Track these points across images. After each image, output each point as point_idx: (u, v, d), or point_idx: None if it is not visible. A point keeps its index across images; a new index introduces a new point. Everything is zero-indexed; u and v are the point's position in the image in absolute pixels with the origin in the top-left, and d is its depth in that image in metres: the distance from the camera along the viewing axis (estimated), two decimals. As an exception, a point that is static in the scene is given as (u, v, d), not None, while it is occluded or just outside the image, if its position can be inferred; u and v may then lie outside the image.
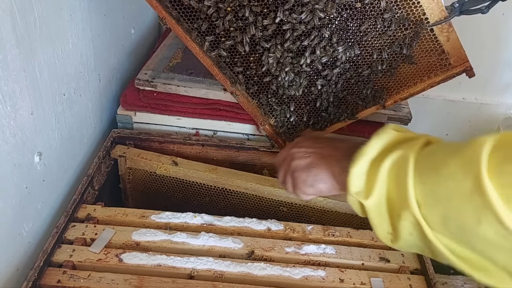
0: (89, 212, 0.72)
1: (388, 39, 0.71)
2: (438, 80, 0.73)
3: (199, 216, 0.72)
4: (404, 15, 0.68)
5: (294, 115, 0.80)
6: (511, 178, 0.39)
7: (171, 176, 0.84)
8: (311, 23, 0.67)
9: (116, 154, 0.85)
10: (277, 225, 0.73)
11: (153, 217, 0.72)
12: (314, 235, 0.72)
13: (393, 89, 0.77)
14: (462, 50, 0.70)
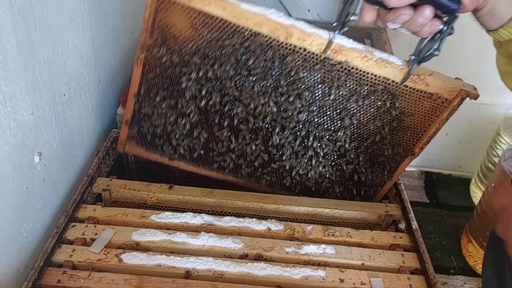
0: (89, 212, 0.72)
1: (373, 111, 0.72)
2: (446, 116, 0.71)
3: (199, 216, 0.72)
4: (371, 90, 0.69)
5: (343, 194, 0.83)
6: None
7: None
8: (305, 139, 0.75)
9: (99, 188, 0.77)
10: (277, 225, 0.73)
11: (153, 217, 0.72)
12: (314, 235, 0.72)
13: (411, 140, 0.76)
14: (448, 84, 0.68)
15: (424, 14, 0.52)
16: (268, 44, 0.65)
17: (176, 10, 0.64)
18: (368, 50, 0.66)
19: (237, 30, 0.64)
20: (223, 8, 0.62)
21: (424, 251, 0.70)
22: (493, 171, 1.23)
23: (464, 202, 1.41)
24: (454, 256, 1.20)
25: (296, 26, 0.63)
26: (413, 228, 0.74)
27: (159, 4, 0.64)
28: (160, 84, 0.73)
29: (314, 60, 0.67)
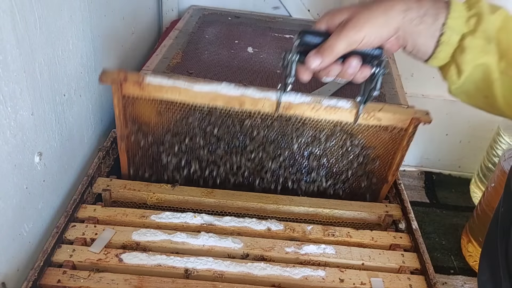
0: (89, 212, 0.72)
1: (338, 150, 0.78)
2: (406, 143, 0.76)
3: (199, 216, 0.72)
4: (329, 134, 0.75)
5: None
6: None
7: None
8: None
9: (99, 188, 0.77)
10: (277, 225, 0.73)
11: (153, 217, 0.72)
12: (314, 235, 0.72)
13: (382, 169, 0.81)
14: (399, 115, 0.73)
15: (351, 65, 0.57)
16: (226, 113, 0.74)
17: (140, 103, 0.74)
18: (316, 100, 0.72)
19: (196, 108, 0.73)
20: (179, 93, 0.72)
21: (424, 251, 0.70)
22: (493, 171, 1.23)
23: (464, 202, 1.41)
24: (454, 256, 1.20)
25: (246, 95, 0.71)
26: (413, 228, 0.74)
27: (125, 102, 0.73)
28: (146, 163, 0.81)
29: (270, 119, 0.74)
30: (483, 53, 0.52)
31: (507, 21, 0.50)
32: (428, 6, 0.53)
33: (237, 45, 1.09)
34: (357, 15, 0.54)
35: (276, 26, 1.22)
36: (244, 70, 0.98)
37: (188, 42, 1.07)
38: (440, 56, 0.54)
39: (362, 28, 0.53)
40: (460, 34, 0.52)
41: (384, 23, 0.53)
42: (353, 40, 0.54)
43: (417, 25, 0.53)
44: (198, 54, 1.02)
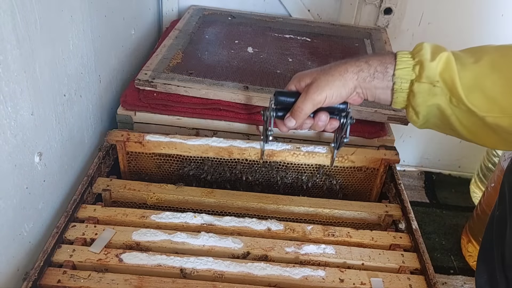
0: (89, 212, 0.72)
1: (319, 189, 0.87)
2: (379, 181, 0.87)
3: (199, 216, 0.72)
4: (310, 175, 0.86)
5: None
6: None
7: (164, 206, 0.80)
8: None
9: (99, 188, 0.78)
10: (277, 225, 0.73)
11: (153, 217, 0.72)
12: (314, 235, 0.72)
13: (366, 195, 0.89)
14: (370, 156, 0.83)
15: (321, 119, 0.68)
16: (218, 162, 0.84)
17: (142, 157, 0.85)
18: (296, 146, 0.83)
19: (191, 159, 0.84)
20: (175, 148, 0.83)
21: (424, 251, 0.70)
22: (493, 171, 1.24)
23: (464, 202, 1.41)
24: (454, 256, 1.20)
25: (233, 146, 0.82)
26: (413, 228, 0.74)
27: (129, 157, 0.85)
28: None
29: (257, 165, 0.84)
30: (431, 95, 0.58)
31: (447, 63, 0.56)
32: (376, 65, 0.61)
33: (237, 45, 1.09)
34: (318, 80, 0.63)
35: (276, 26, 1.22)
36: (244, 70, 0.98)
37: (188, 42, 1.07)
38: (398, 101, 0.61)
39: (323, 91, 0.63)
40: (409, 81, 0.59)
41: (341, 85, 0.62)
42: (317, 101, 0.64)
43: (371, 82, 0.61)
44: (198, 54, 1.02)
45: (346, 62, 0.63)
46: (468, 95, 0.54)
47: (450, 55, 0.57)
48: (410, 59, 0.59)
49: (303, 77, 0.66)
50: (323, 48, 1.13)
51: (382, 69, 0.60)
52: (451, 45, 0.63)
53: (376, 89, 0.62)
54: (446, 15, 1.30)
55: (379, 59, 0.61)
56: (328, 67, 0.64)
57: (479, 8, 1.29)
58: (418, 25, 1.33)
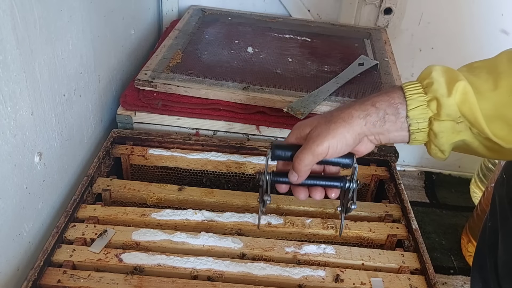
0: (89, 212, 0.72)
1: None
2: (369, 197, 0.88)
3: (199, 213, 0.72)
4: None
5: None
6: None
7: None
8: None
9: (99, 188, 0.78)
10: (277, 219, 0.73)
11: (154, 215, 0.72)
12: (313, 228, 0.72)
13: None
14: (361, 172, 0.83)
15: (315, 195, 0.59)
16: (216, 175, 0.86)
17: (145, 170, 0.88)
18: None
19: (191, 172, 0.86)
20: (176, 161, 0.85)
21: (424, 251, 0.70)
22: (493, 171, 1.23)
23: (464, 202, 1.41)
24: (454, 256, 1.20)
25: (231, 160, 0.85)
26: (413, 228, 0.74)
27: (132, 169, 0.88)
28: None
29: (254, 179, 0.85)
30: (456, 133, 0.52)
31: (465, 93, 0.50)
32: (385, 106, 0.53)
33: (237, 45, 1.09)
34: (319, 128, 0.55)
35: (276, 26, 1.22)
36: (244, 70, 0.98)
37: (188, 42, 1.07)
38: (418, 139, 0.54)
39: (324, 140, 0.54)
40: (426, 119, 0.52)
41: (346, 132, 0.54)
42: (318, 152, 0.55)
43: (382, 126, 0.54)
44: (198, 54, 1.02)
45: (350, 106, 0.56)
46: (490, 125, 0.49)
47: (467, 85, 0.50)
48: (422, 95, 0.52)
49: (303, 126, 0.58)
50: (323, 48, 1.13)
51: (393, 111, 0.53)
52: (451, 45, 0.63)
53: (389, 133, 0.54)
54: (446, 15, 1.30)
55: (386, 99, 0.54)
56: (330, 113, 0.57)
57: (479, 8, 1.29)
58: (418, 25, 1.33)
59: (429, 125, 0.52)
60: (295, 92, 0.92)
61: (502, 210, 0.63)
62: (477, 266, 0.70)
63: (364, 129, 0.54)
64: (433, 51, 1.36)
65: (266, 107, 0.90)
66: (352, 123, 0.54)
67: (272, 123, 0.91)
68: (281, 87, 0.93)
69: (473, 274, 0.70)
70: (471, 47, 1.36)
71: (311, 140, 0.55)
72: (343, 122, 0.54)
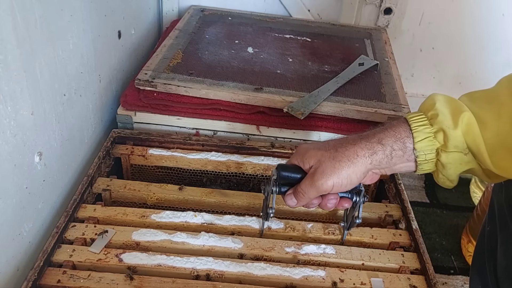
0: (89, 212, 0.72)
1: None
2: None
3: (199, 215, 0.72)
4: None
5: None
6: None
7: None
8: None
9: (99, 188, 0.78)
10: (278, 224, 0.73)
11: (154, 216, 0.72)
12: (314, 233, 0.72)
13: None
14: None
15: (330, 201, 0.59)
16: (216, 174, 0.86)
17: (145, 169, 0.87)
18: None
19: (191, 172, 0.86)
20: (176, 161, 0.85)
21: (424, 251, 0.70)
22: (493, 171, 1.23)
23: (464, 202, 1.41)
24: (454, 256, 1.20)
25: (231, 160, 0.85)
26: (413, 228, 0.74)
27: (132, 169, 0.87)
28: None
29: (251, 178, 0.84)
30: (463, 164, 0.52)
31: (469, 125, 0.50)
32: (391, 143, 0.53)
33: (237, 45, 1.09)
34: (323, 165, 0.55)
35: (276, 26, 1.22)
36: (244, 70, 0.98)
37: (188, 42, 1.07)
38: (425, 169, 0.55)
39: (329, 179, 0.55)
40: (434, 150, 0.52)
41: (351, 172, 0.54)
42: (322, 189, 0.56)
43: (389, 161, 0.54)
44: (198, 54, 1.02)
45: (355, 143, 0.55)
46: (492, 156, 0.50)
47: (471, 116, 0.50)
48: (428, 126, 0.52)
49: (307, 156, 0.58)
50: (323, 48, 1.13)
51: (400, 146, 0.53)
52: (451, 44, 0.63)
53: (395, 165, 0.55)
54: (447, 15, 1.30)
55: (392, 134, 0.54)
56: (334, 149, 0.56)
57: (479, 8, 1.29)
58: (419, 24, 1.33)
59: (437, 156, 0.53)
60: (295, 92, 0.92)
61: (501, 215, 0.63)
62: (476, 269, 0.70)
63: (370, 167, 0.55)
64: (434, 51, 1.36)
65: (266, 107, 0.90)
66: (357, 163, 0.54)
67: (272, 123, 0.91)
68: (282, 87, 0.93)
69: (472, 276, 0.70)
70: (472, 47, 1.36)
71: (315, 176, 0.56)
72: (348, 161, 0.54)
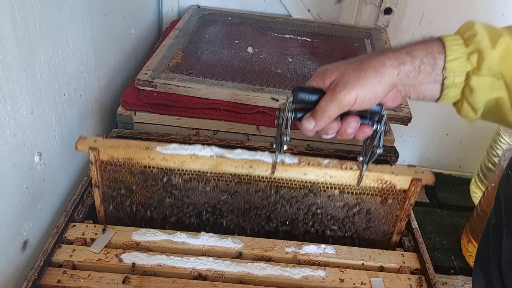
0: (89, 212, 0.72)
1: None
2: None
3: (208, 148, 0.67)
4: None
5: None
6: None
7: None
8: None
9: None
10: (292, 158, 0.67)
11: (159, 148, 0.66)
12: (331, 168, 0.66)
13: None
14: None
15: (350, 125, 0.54)
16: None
17: None
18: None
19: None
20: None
21: (424, 251, 0.70)
22: (493, 171, 1.23)
23: (464, 202, 1.41)
24: (454, 256, 1.20)
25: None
26: (413, 227, 0.74)
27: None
28: None
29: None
30: (494, 90, 0.49)
31: (507, 51, 0.47)
32: (422, 55, 0.50)
33: (237, 45, 1.09)
34: (346, 76, 0.51)
35: (276, 26, 1.22)
36: (244, 70, 0.98)
37: (188, 42, 1.07)
38: (449, 95, 0.51)
39: (352, 90, 0.50)
40: (464, 73, 0.49)
41: (377, 82, 0.50)
42: (344, 103, 0.51)
43: (416, 77, 0.50)
44: (198, 54, 1.02)
45: (382, 53, 0.51)
46: None
47: (511, 42, 0.47)
48: (462, 46, 0.48)
49: (327, 72, 0.53)
50: (323, 48, 1.13)
51: (430, 61, 0.49)
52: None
53: (421, 85, 0.51)
54: (447, 14, 1.30)
55: (423, 48, 0.50)
56: (359, 60, 0.52)
57: (480, 7, 1.29)
58: (419, 24, 1.33)
59: (466, 80, 0.49)
60: (295, 92, 0.92)
61: (507, 207, 0.62)
62: (479, 263, 0.69)
63: (396, 79, 0.50)
64: (434, 51, 1.36)
65: (266, 107, 0.90)
66: (384, 72, 0.50)
67: (272, 123, 0.91)
68: (282, 87, 0.93)
69: (475, 271, 0.70)
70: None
71: (337, 88, 0.51)
72: (373, 71, 0.50)
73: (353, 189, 0.69)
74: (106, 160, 0.67)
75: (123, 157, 0.67)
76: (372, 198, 0.69)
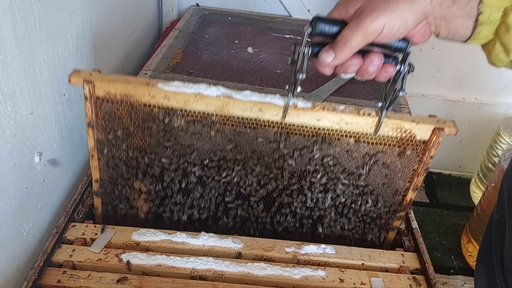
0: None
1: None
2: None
3: (215, 87, 0.61)
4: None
5: None
6: None
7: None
8: None
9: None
10: (305, 103, 0.61)
11: (160, 85, 0.60)
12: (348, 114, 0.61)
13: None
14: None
15: (372, 62, 0.50)
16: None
17: None
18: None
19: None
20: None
21: (424, 251, 0.70)
22: (493, 171, 1.24)
23: (464, 202, 1.41)
24: (454, 256, 1.20)
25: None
26: (413, 227, 0.74)
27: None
28: None
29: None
30: None
31: None
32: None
33: (237, 45, 1.09)
34: (374, 2, 0.46)
35: (276, 26, 1.22)
36: (244, 70, 0.98)
37: (188, 42, 1.07)
38: (482, 35, 0.47)
39: (380, 16, 0.45)
40: (502, 9, 0.45)
41: (408, 9, 0.45)
42: (370, 31, 0.46)
43: (450, 8, 0.45)
44: (198, 54, 1.02)
45: None
46: None
47: None
48: None
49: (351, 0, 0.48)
50: (323, 48, 1.13)
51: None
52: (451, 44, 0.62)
53: (453, 19, 0.46)
54: (446, 15, 1.30)
55: None
56: None
57: (479, 8, 1.29)
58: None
59: (502, 17, 0.45)
60: (295, 92, 0.92)
61: (510, 201, 0.62)
62: (481, 259, 0.69)
63: (428, 8, 0.46)
64: (433, 51, 1.36)
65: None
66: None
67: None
68: (281, 87, 0.93)
69: (477, 268, 0.70)
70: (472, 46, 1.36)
71: (363, 15, 0.46)
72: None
73: (370, 138, 0.63)
74: (102, 96, 0.60)
75: (120, 94, 0.60)
76: (390, 149, 0.64)
